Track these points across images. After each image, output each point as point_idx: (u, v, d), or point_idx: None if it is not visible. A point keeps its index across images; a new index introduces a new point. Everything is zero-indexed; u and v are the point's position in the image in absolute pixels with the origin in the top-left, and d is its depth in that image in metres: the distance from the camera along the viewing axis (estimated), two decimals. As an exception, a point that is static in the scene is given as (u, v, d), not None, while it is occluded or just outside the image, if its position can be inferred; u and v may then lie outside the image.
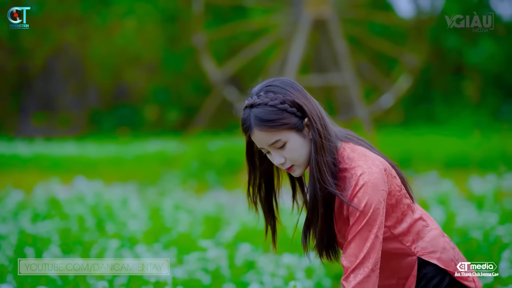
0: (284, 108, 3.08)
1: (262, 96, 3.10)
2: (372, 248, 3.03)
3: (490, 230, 7.03)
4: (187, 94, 28.70)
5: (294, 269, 5.72)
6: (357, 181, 3.05)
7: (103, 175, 13.39)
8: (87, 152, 18.52)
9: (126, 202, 8.81)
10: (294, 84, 3.17)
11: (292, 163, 3.16)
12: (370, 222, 3.03)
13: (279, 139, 3.09)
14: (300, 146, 3.11)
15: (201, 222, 7.73)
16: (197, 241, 6.49)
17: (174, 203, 8.89)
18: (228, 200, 10.32)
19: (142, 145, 20.36)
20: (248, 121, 3.13)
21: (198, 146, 17.06)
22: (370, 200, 3.03)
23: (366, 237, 3.03)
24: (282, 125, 3.06)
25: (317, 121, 3.11)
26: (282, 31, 16.61)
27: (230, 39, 24.83)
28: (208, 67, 15.68)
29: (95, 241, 6.51)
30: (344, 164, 3.13)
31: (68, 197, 9.23)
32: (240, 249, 6.15)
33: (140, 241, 6.37)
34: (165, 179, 12.52)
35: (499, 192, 9.66)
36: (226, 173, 14.52)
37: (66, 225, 7.26)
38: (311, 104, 3.15)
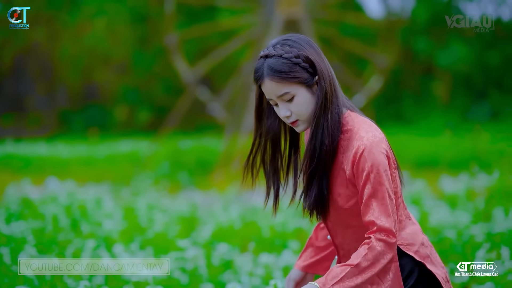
0: (297, 62, 3.14)
1: (278, 48, 3.17)
2: (392, 204, 3.11)
3: (464, 229, 7.09)
4: (158, 94, 28.63)
5: (271, 268, 5.73)
6: (360, 142, 3.12)
7: (75, 176, 13.33)
8: (58, 153, 18.41)
9: (100, 202, 8.77)
10: (311, 42, 3.24)
11: (297, 118, 3.21)
12: (382, 182, 3.08)
13: (288, 92, 3.15)
14: (308, 102, 3.18)
15: (176, 222, 7.73)
16: (174, 241, 6.49)
17: (148, 203, 8.87)
18: (203, 200, 10.32)
19: (113, 145, 20.29)
20: (261, 70, 3.20)
21: (170, 146, 17.04)
22: (376, 161, 3.09)
23: (383, 197, 3.09)
24: (293, 78, 3.13)
25: (327, 81, 3.18)
26: (253, 31, 16.62)
27: (199, 40, 24.81)
28: (180, 67, 15.65)
29: (70, 241, 6.49)
30: (347, 126, 3.20)
31: (41, 198, 9.17)
32: (217, 249, 6.15)
33: (117, 241, 6.34)
34: (138, 179, 12.49)
35: (471, 191, 9.76)
36: (198, 173, 14.52)
37: (41, 225, 7.22)
38: (324, 64, 3.22)
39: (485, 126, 20.23)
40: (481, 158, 14.51)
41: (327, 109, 3.17)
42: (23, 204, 8.72)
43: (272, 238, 7.06)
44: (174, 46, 15.58)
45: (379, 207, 3.08)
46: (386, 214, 3.07)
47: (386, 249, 3.06)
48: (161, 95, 28.50)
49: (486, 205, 8.44)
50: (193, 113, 22.11)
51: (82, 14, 26.63)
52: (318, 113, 3.17)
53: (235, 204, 9.51)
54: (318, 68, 3.17)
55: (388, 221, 3.07)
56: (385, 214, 3.07)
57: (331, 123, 3.16)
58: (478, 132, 17.60)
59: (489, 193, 9.32)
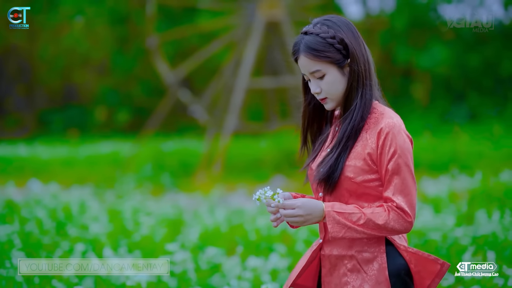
0: (332, 43, 3.23)
1: (317, 27, 3.27)
2: (414, 187, 3.19)
3: (448, 232, 7.17)
4: (137, 95, 28.57)
5: (260, 271, 5.77)
6: (390, 121, 3.21)
7: (57, 178, 13.32)
8: (38, 154, 18.35)
9: (85, 206, 8.77)
10: (351, 26, 3.33)
11: (326, 95, 3.28)
12: (407, 163, 3.17)
13: (319, 69, 3.23)
14: (337, 82, 3.26)
15: (162, 225, 7.74)
16: (161, 244, 6.51)
17: (133, 206, 8.88)
18: (187, 203, 10.34)
19: (93, 147, 20.24)
20: (298, 45, 3.29)
21: (152, 148, 17.03)
22: (405, 142, 3.18)
23: (405, 177, 3.17)
24: (325, 57, 3.21)
25: (361, 65, 3.26)
26: (235, 33, 16.67)
27: (177, 41, 24.80)
28: (162, 69, 15.68)
29: (58, 245, 6.48)
30: (376, 109, 3.29)
31: (25, 201, 9.14)
32: (205, 252, 6.18)
33: (105, 244, 6.35)
34: (121, 181, 12.49)
35: (453, 193, 9.86)
36: (180, 175, 14.53)
37: (26, 229, 7.20)
38: (360, 48, 3.30)
39: (464, 128, 20.37)
40: (460, 160, 14.63)
41: (358, 91, 3.27)
42: (8, 207, 8.69)
43: (258, 241, 7.09)
44: (155, 48, 15.60)
45: (399, 185, 3.16)
46: (404, 193, 3.15)
47: (398, 221, 3.16)
48: (140, 96, 28.45)
49: (469, 208, 8.53)
50: (174, 114, 22.10)
51: (60, 15, 26.52)
52: (348, 93, 3.27)
53: (220, 206, 9.53)
54: (351, 51, 3.25)
55: (404, 200, 3.15)
56: (403, 193, 3.15)
57: (361, 105, 3.26)
58: (457, 133, 17.74)
59: (471, 195, 9.43)
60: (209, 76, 23.93)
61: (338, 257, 3.29)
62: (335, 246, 3.29)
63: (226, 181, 13.86)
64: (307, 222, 3.14)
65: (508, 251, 6.42)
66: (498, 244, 6.67)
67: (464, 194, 9.67)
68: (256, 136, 20.77)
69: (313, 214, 3.13)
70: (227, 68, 16.70)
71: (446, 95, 25.77)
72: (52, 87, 29.40)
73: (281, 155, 16.55)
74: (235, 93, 15.47)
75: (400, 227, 3.14)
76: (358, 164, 3.21)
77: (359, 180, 3.20)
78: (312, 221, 3.15)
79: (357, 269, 3.23)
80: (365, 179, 3.20)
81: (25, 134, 25.58)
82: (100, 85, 28.84)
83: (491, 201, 8.89)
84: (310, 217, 3.13)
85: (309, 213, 3.13)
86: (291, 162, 15.62)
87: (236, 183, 13.67)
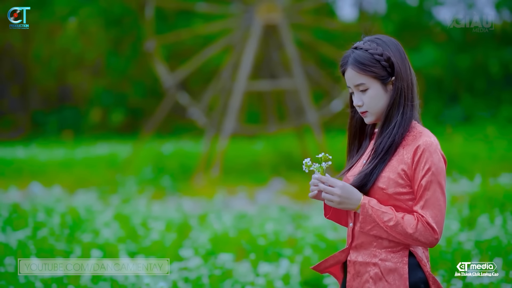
0: (378, 59, 3.41)
1: (367, 43, 3.45)
2: (444, 205, 3.32)
3: (453, 236, 7.28)
4: (131, 96, 28.60)
5: (272, 277, 5.88)
6: (427, 139, 3.35)
7: (58, 180, 13.38)
8: (35, 156, 18.38)
9: (92, 211, 8.85)
10: (399, 46, 3.52)
11: (367, 109, 3.44)
12: (440, 180, 3.31)
13: (363, 83, 3.41)
14: (379, 97, 3.42)
15: (170, 230, 7.84)
16: (172, 250, 6.62)
17: (139, 210, 8.98)
18: (191, 207, 10.44)
19: (90, 148, 20.29)
20: (347, 58, 3.47)
21: (151, 150, 17.11)
22: (440, 162, 3.32)
23: (436, 194, 3.30)
24: (371, 72, 3.40)
25: (404, 83, 3.44)
26: (232, 36, 16.78)
27: (172, 43, 24.83)
28: (160, 72, 15.79)
29: (72, 250, 6.58)
30: (413, 129, 3.44)
31: (31, 205, 9.20)
32: (216, 258, 6.29)
33: (120, 250, 6.46)
34: (124, 185, 12.57)
35: (453, 197, 9.99)
36: (180, 178, 14.61)
37: (36, 234, 7.28)
38: (405, 68, 3.48)
39: (458, 129, 20.51)
40: (456, 163, 14.76)
41: (399, 108, 3.42)
42: (14, 212, 8.76)
43: (267, 246, 7.21)
44: (153, 51, 15.71)
45: (430, 201, 3.30)
46: (433, 209, 3.29)
47: (424, 234, 3.28)
48: (135, 97, 28.49)
49: (470, 212, 8.66)
50: (171, 116, 22.17)
51: (54, 16, 26.52)
52: (389, 109, 3.43)
53: (224, 211, 9.64)
54: (397, 70, 3.43)
55: (433, 216, 3.29)
56: (432, 209, 3.29)
57: (401, 122, 3.41)
58: (450, 135, 17.88)
59: (471, 199, 9.54)
60: (207, 79, 24.02)
61: (362, 264, 3.42)
62: (361, 253, 3.43)
63: (225, 183, 13.96)
64: (342, 204, 3.29)
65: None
66: (501, 249, 6.80)
67: (465, 198, 9.79)
68: (254, 139, 20.91)
69: (350, 199, 3.29)
70: (225, 71, 16.82)
71: (439, 97, 25.92)
72: (47, 88, 29.41)
73: (279, 158, 16.68)
74: (233, 95, 15.58)
75: (425, 240, 3.27)
76: (391, 176, 3.35)
77: (391, 192, 3.34)
78: (347, 206, 3.30)
79: (379, 277, 3.35)
80: (396, 191, 3.34)
81: (20, 136, 25.60)
82: (94, 86, 28.85)
83: (492, 205, 9.01)
84: (346, 200, 3.29)
85: (347, 197, 3.29)
86: (289, 164, 15.76)
87: (235, 186, 13.77)
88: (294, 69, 15.76)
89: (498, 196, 9.47)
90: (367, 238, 3.41)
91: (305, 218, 9.25)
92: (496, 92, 25.13)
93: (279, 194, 12.71)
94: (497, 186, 10.27)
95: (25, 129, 27.25)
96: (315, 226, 8.02)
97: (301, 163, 3.56)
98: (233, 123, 15.38)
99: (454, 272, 6.38)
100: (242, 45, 16.31)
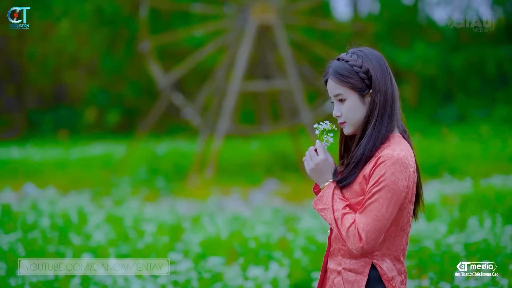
0: (357, 71, 3.45)
1: (349, 55, 3.51)
2: (383, 218, 3.30)
3: (441, 239, 7.32)
4: (127, 96, 28.62)
5: (260, 280, 5.92)
6: (390, 152, 3.34)
7: (52, 181, 13.39)
8: (29, 156, 18.38)
9: (84, 213, 8.87)
10: (381, 60, 3.54)
11: (345, 120, 3.47)
12: (387, 197, 3.29)
13: (341, 93, 3.45)
14: (356, 108, 3.45)
15: (162, 232, 7.87)
16: (163, 253, 6.65)
17: (132, 213, 9.00)
18: (184, 208, 10.47)
19: (85, 148, 20.28)
20: (329, 68, 3.53)
21: (145, 150, 17.13)
22: (395, 178, 3.30)
23: (378, 209, 3.29)
24: (349, 83, 3.43)
25: (381, 97, 3.44)
26: (227, 37, 16.82)
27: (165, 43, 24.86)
28: (155, 72, 15.83)
29: (63, 254, 6.61)
30: (387, 141, 3.44)
31: (23, 207, 9.22)
32: (208, 261, 6.32)
33: (109, 254, 6.49)
34: (117, 186, 12.59)
35: (445, 197, 10.03)
36: (175, 178, 14.64)
37: (29, 237, 7.30)
38: (384, 81, 3.48)
39: (452, 129, 20.56)
40: (450, 163, 14.80)
41: (376, 121, 3.43)
42: (5, 214, 8.76)
43: (258, 249, 7.24)
44: (147, 52, 15.74)
45: (368, 210, 3.29)
46: (368, 219, 3.28)
47: (352, 238, 3.29)
48: (130, 97, 28.51)
49: (461, 213, 8.70)
50: (165, 116, 22.21)
51: (49, 15, 26.51)
52: (365, 122, 3.44)
53: (217, 212, 9.67)
54: (374, 83, 3.44)
55: (365, 224, 3.28)
56: (367, 218, 3.28)
57: (372, 135, 3.42)
58: (446, 135, 17.92)
59: (463, 200, 9.58)
60: (201, 79, 24.06)
61: (331, 271, 3.47)
62: (332, 259, 3.48)
63: (219, 184, 14.00)
64: (312, 173, 3.40)
65: (501, 257, 6.57)
66: (490, 251, 6.84)
67: (456, 199, 9.83)
68: (248, 139, 20.94)
69: (321, 173, 3.42)
70: (220, 71, 16.86)
71: (434, 96, 25.96)
72: (42, 87, 29.42)
73: (273, 158, 16.71)
74: (227, 96, 15.62)
75: (351, 246, 3.29)
76: (355, 187, 3.39)
77: (353, 202, 3.38)
78: (316, 178, 3.41)
79: (340, 286, 3.39)
80: (357, 201, 3.38)
81: (16, 135, 25.60)
82: (89, 86, 28.86)
83: (482, 206, 9.05)
84: (318, 172, 3.41)
85: (320, 170, 3.42)
86: (284, 164, 15.80)
87: (229, 186, 13.80)
88: (288, 69, 15.81)
89: (489, 197, 9.51)
90: (337, 245, 3.46)
91: (297, 220, 9.29)
92: (490, 91, 25.17)
93: (272, 195, 12.75)
94: (489, 187, 10.30)
95: (20, 129, 27.25)
96: (306, 228, 8.07)
97: (295, 164, 3.63)
98: (227, 123, 15.42)
99: (444, 274, 6.46)
100: (236, 46, 16.35)
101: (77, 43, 27.95)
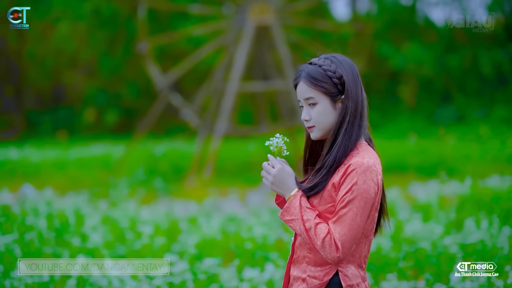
0: (330, 76, 3.45)
1: (322, 60, 3.51)
2: (357, 226, 3.31)
3: (438, 240, 7.32)
4: (125, 96, 28.63)
5: (256, 282, 5.92)
6: (359, 160, 3.35)
7: (50, 182, 13.38)
8: (28, 157, 18.38)
9: (81, 214, 8.87)
10: (353, 67, 3.54)
11: (314, 124, 3.47)
12: (359, 205, 3.31)
13: (313, 97, 3.44)
14: (327, 113, 3.45)
15: (159, 233, 7.87)
16: (159, 254, 6.65)
17: (128, 214, 8.99)
18: (181, 210, 10.46)
19: (84, 149, 20.29)
20: (300, 72, 3.52)
21: (143, 151, 17.13)
22: (366, 185, 3.32)
23: (351, 217, 3.30)
24: (321, 87, 3.43)
25: (352, 103, 3.45)
26: (225, 37, 16.82)
27: (163, 44, 24.87)
28: (153, 73, 15.82)
29: (60, 254, 6.61)
30: (356, 149, 3.45)
31: (22, 208, 9.21)
32: (202, 263, 6.32)
33: (105, 256, 6.48)
34: (115, 188, 12.58)
35: (443, 198, 10.03)
36: (173, 179, 14.64)
37: (25, 238, 7.30)
38: (356, 88, 3.49)
39: (451, 129, 20.56)
40: (448, 163, 14.80)
41: (347, 128, 3.43)
42: (3, 215, 8.76)
43: (254, 250, 7.24)
44: (145, 53, 15.75)
45: (342, 219, 3.30)
46: (343, 228, 3.29)
47: (328, 248, 3.28)
48: (128, 97, 28.51)
49: (458, 214, 8.70)
50: (163, 116, 22.20)
51: (49, 16, 26.51)
52: (337, 128, 3.44)
53: (214, 213, 9.67)
54: (347, 88, 3.45)
55: (341, 234, 3.29)
56: (342, 228, 3.29)
57: (343, 141, 3.42)
58: (443, 136, 17.92)
59: (460, 201, 9.58)
60: (199, 80, 24.05)
61: (295, 278, 3.47)
62: (296, 267, 3.47)
63: (217, 184, 14.00)
64: (274, 186, 3.36)
65: (497, 258, 6.57)
66: (486, 253, 6.84)
67: (453, 199, 9.83)
68: (246, 139, 20.94)
69: (282, 184, 3.36)
70: (218, 72, 16.86)
71: (432, 97, 25.95)
72: (41, 87, 29.42)
73: (272, 159, 16.68)
74: (225, 97, 15.62)
75: (327, 255, 3.28)
76: (324, 194, 3.38)
77: (321, 210, 3.38)
78: (278, 190, 3.36)
79: None
80: (326, 208, 3.38)
81: (15, 136, 25.60)
82: (88, 86, 28.87)
83: (479, 207, 9.05)
84: (279, 184, 3.36)
85: (280, 181, 3.36)
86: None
87: (227, 187, 13.80)
88: (286, 70, 15.82)
89: (486, 198, 9.51)
90: (302, 253, 3.46)
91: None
92: (489, 92, 25.17)
93: (270, 196, 12.75)
94: (486, 188, 10.31)
95: (19, 129, 27.24)
96: (303, 229, 8.04)
97: (293, 165, 3.61)
98: (225, 124, 15.43)
99: (440, 276, 6.46)
100: (234, 46, 16.36)
101: (76, 44, 27.94)
